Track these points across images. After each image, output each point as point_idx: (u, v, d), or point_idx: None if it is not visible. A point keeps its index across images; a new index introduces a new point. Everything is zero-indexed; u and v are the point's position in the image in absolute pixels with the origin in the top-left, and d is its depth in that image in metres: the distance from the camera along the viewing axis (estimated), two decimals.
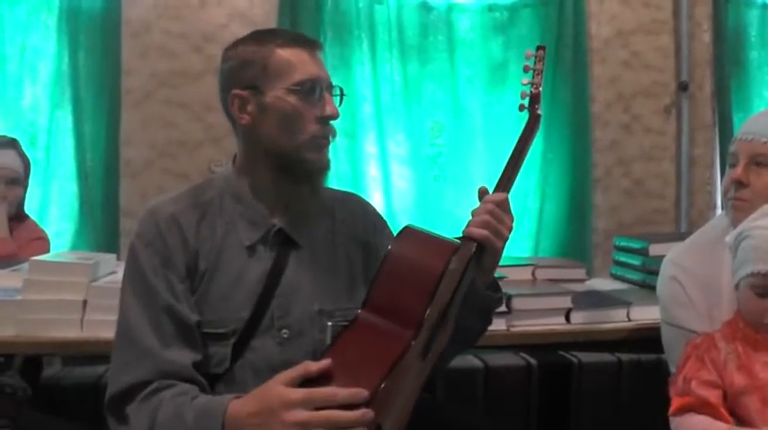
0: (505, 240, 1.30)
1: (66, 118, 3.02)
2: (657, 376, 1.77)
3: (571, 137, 3.27)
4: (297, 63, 1.29)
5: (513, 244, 2.83)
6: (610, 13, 3.35)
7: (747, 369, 1.41)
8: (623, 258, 2.32)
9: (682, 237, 1.85)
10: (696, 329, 1.54)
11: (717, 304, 1.55)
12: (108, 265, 1.90)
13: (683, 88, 3.36)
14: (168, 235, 1.27)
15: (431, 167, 3.25)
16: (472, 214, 1.30)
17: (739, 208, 1.56)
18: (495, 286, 1.38)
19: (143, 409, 1.17)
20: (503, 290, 1.42)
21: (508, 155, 1.38)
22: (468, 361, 2.18)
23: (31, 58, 3.00)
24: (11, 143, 2.51)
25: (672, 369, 1.56)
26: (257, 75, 1.29)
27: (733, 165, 1.60)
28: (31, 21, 3.00)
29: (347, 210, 1.44)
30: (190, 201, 1.33)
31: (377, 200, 3.13)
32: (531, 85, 1.46)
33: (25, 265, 1.82)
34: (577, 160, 3.28)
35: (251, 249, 1.31)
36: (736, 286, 1.48)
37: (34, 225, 2.58)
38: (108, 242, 2.97)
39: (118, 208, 3.03)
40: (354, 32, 3.17)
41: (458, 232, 1.29)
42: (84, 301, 1.72)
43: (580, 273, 2.30)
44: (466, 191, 3.09)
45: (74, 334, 1.71)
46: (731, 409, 1.41)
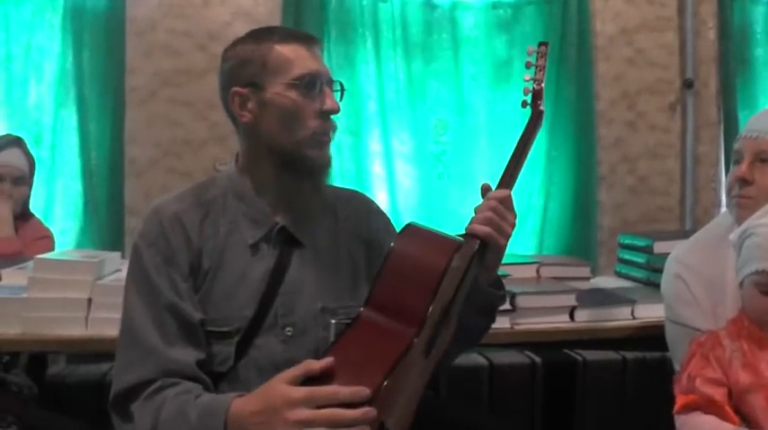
0: (508, 237, 1.29)
1: (71, 117, 3.04)
2: (662, 374, 1.76)
3: (575, 134, 3.26)
4: (295, 58, 1.29)
5: (518, 241, 2.85)
6: (614, 11, 3.34)
7: (752, 367, 1.41)
8: (628, 256, 2.31)
9: (686, 234, 1.84)
10: (700, 327, 1.53)
11: (721, 302, 1.55)
12: (113, 264, 1.90)
13: (687, 85, 3.36)
14: (171, 234, 1.28)
15: (435, 165, 3.26)
16: (475, 211, 1.30)
17: (744, 205, 1.56)
18: (498, 283, 1.37)
19: (147, 407, 1.18)
20: (507, 287, 1.41)
21: (511, 151, 1.38)
22: (473, 359, 2.18)
23: (36, 57, 3.02)
24: (16, 142, 2.52)
25: (676, 367, 1.56)
26: (257, 72, 1.29)
27: (737, 162, 1.60)
28: (35, 20, 3.01)
29: (350, 208, 1.44)
30: (193, 200, 1.33)
31: (381, 197, 3.13)
32: (534, 81, 1.45)
33: (30, 264, 1.83)
34: (582, 158, 3.27)
35: (254, 247, 1.31)
36: (741, 284, 1.47)
37: (39, 223, 2.59)
38: (113, 240, 2.98)
39: (122, 206, 3.04)
40: (359, 30, 3.18)
41: (462, 229, 1.28)
42: (89, 299, 1.73)
43: (584, 270, 2.29)
44: (470, 188, 3.08)
45: (79, 332, 1.71)
46: (736, 407, 1.40)
